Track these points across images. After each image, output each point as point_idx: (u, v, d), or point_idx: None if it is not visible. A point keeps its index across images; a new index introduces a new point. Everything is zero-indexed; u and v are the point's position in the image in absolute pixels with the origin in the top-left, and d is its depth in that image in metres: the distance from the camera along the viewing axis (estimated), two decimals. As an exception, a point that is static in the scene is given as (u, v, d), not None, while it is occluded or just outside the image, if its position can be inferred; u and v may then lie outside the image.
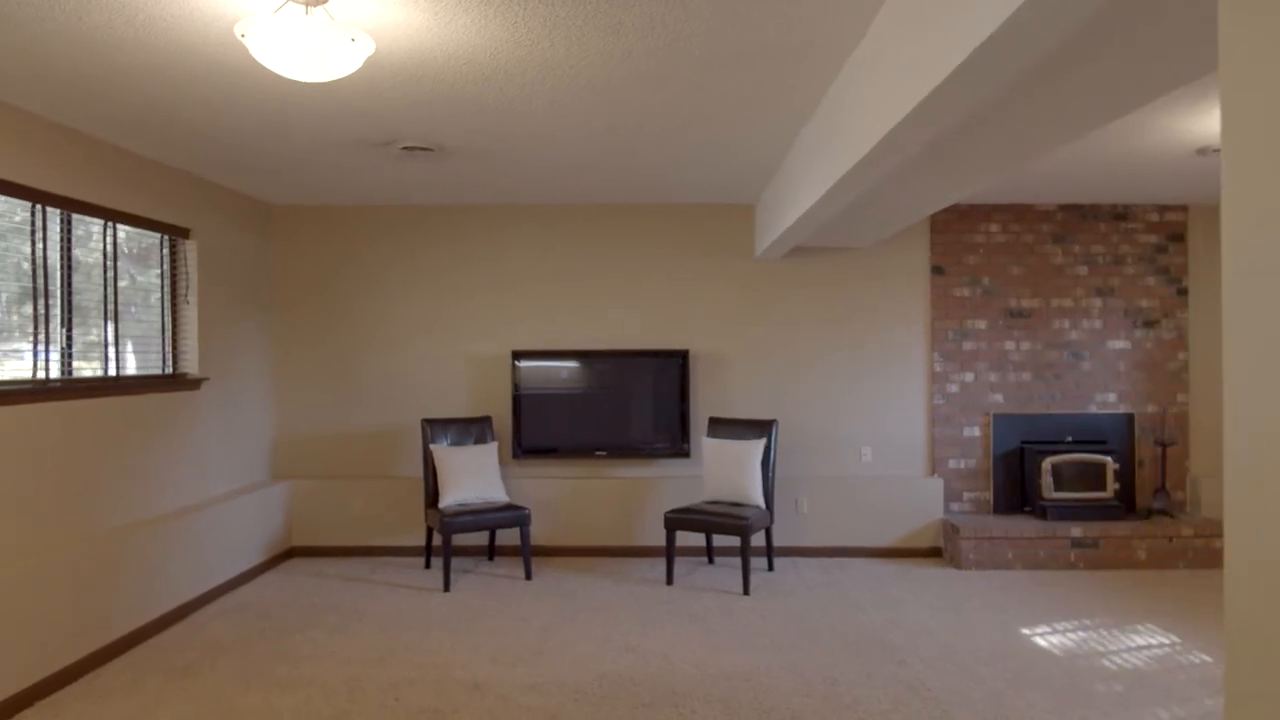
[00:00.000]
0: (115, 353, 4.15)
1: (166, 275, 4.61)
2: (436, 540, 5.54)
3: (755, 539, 5.55)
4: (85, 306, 3.96)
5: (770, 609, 4.56)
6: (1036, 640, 4.09)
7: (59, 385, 3.70)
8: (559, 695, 3.46)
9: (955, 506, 5.82)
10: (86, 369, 3.99)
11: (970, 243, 5.80)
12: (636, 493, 5.70)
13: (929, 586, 5.01)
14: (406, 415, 5.81)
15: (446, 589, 4.85)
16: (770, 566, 5.34)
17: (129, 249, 4.32)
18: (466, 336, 5.83)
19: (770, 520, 5.22)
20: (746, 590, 4.80)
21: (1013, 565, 5.38)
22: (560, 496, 5.70)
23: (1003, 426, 5.80)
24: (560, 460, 5.81)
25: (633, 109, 3.56)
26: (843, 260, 5.81)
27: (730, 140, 4.10)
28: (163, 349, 4.57)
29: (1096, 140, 4.14)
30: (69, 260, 3.84)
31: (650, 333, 5.82)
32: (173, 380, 4.51)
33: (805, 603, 4.68)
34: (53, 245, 3.74)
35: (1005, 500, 5.80)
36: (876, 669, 3.74)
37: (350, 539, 5.69)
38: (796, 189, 4.22)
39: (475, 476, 5.18)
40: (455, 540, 5.63)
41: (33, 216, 3.61)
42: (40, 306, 3.65)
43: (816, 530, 5.71)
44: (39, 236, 3.64)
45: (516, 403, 5.68)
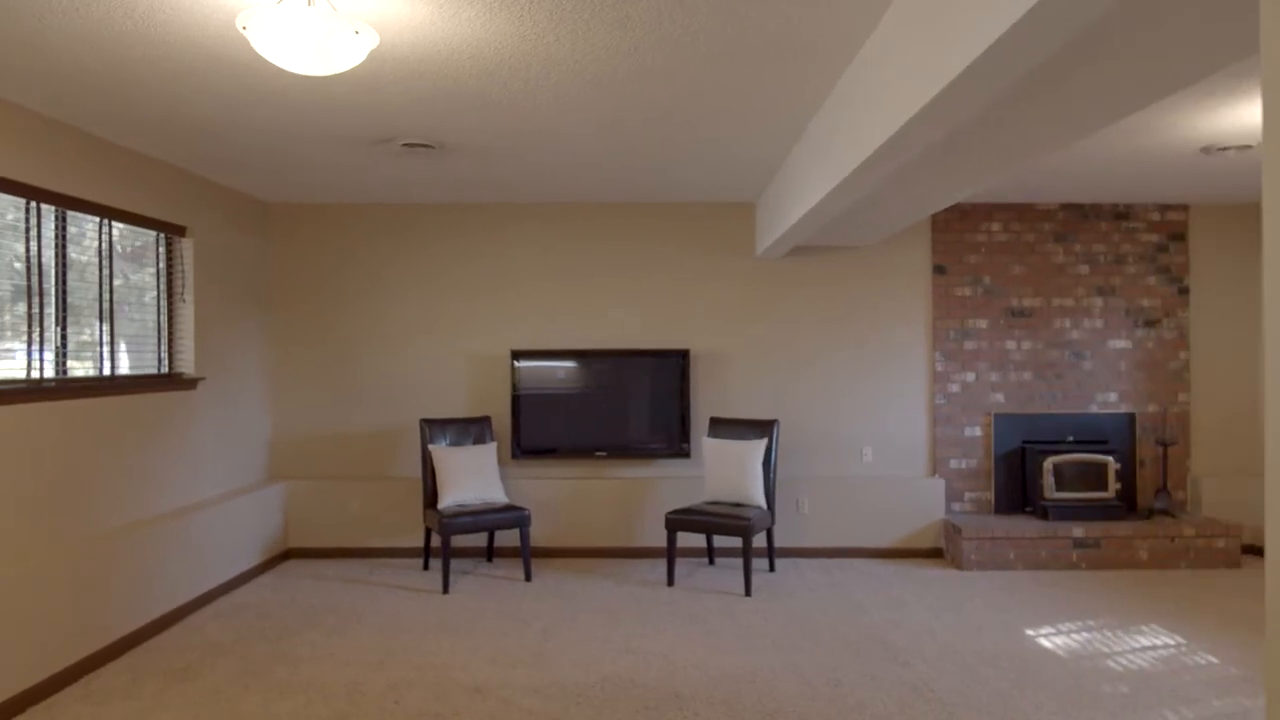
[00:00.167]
0: (110, 352, 4.10)
1: (162, 274, 4.56)
2: (435, 541, 5.50)
3: (756, 540, 5.53)
4: (80, 305, 3.91)
5: (772, 610, 4.53)
6: (1040, 641, 4.07)
7: (54, 385, 3.65)
8: (561, 698, 3.42)
9: (956, 506, 5.80)
10: (81, 369, 3.94)
11: (972, 242, 5.78)
12: (636, 493, 5.67)
13: (931, 587, 4.99)
14: (405, 415, 5.77)
15: (445, 590, 4.81)
16: (771, 567, 5.31)
17: (124, 247, 4.27)
18: (465, 336, 5.79)
19: (772, 521, 5.19)
20: (748, 591, 4.77)
21: (1014, 565, 5.36)
22: (560, 497, 5.67)
23: (1004, 426, 5.78)
24: (560, 461, 5.77)
25: (638, 105, 3.53)
26: (844, 259, 5.79)
27: (734, 137, 4.07)
28: (158, 348, 4.52)
29: (1101, 138, 4.12)
30: (64, 258, 3.79)
31: (650, 332, 5.79)
32: (169, 380, 4.46)
33: (807, 603, 4.65)
34: (47, 243, 3.69)
35: (1006, 500, 5.79)
36: (880, 670, 3.71)
37: (348, 540, 5.65)
38: (800, 187, 4.19)
39: (474, 477, 5.14)
40: (454, 542, 5.59)
41: (26, 214, 3.56)
42: (34, 305, 3.60)
43: (817, 531, 5.69)
44: (33, 235, 3.59)
45: (516, 402, 5.64)
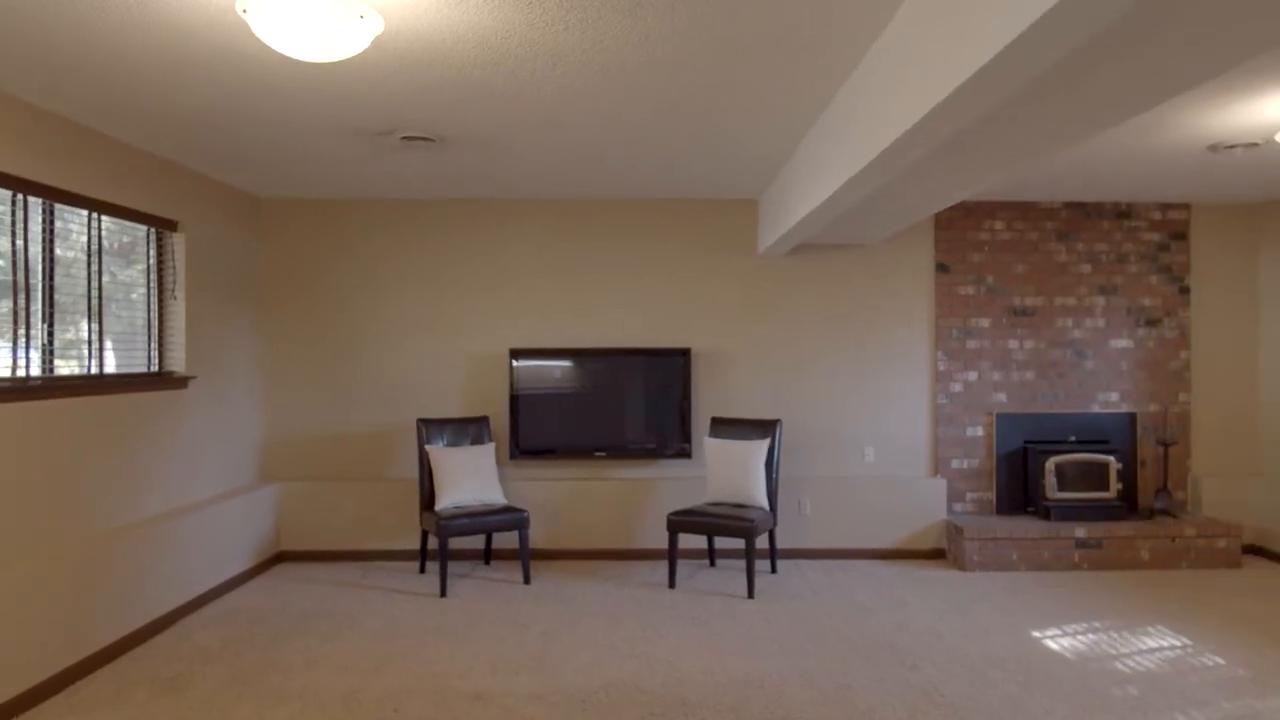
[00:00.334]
0: (98, 350, 3.98)
1: (153, 270, 4.44)
2: (432, 544, 5.40)
3: (758, 541, 5.46)
4: (67, 302, 3.79)
5: (775, 612, 4.47)
6: (1047, 643, 4.02)
7: (39, 384, 3.53)
8: (564, 705, 3.34)
9: (958, 507, 5.75)
10: (67, 368, 3.82)
11: (975, 240, 5.74)
12: (636, 494, 5.59)
13: (934, 588, 4.94)
14: (400, 415, 5.67)
15: (443, 594, 4.71)
16: (773, 569, 5.25)
17: (111, 244, 4.15)
18: (463, 334, 5.70)
19: (774, 522, 5.12)
20: (751, 594, 4.70)
21: (1017, 566, 5.32)
22: (559, 498, 5.58)
23: (1006, 426, 5.74)
24: (559, 461, 5.68)
25: (645, 96, 3.45)
26: (847, 257, 5.73)
27: (742, 130, 3.99)
28: (148, 346, 4.40)
29: (1110, 135, 4.08)
30: (51, 253, 3.67)
31: (651, 331, 5.72)
32: (159, 379, 4.34)
33: (810, 606, 4.58)
34: (34, 238, 3.57)
35: (1008, 500, 5.74)
36: (888, 674, 3.65)
37: (342, 543, 5.54)
38: (808, 182, 4.13)
39: (472, 478, 5.05)
40: (452, 544, 5.50)
41: (13, 206, 3.44)
42: (20, 302, 3.48)
43: (819, 532, 5.63)
44: (19, 229, 3.47)
45: (514, 402, 5.55)
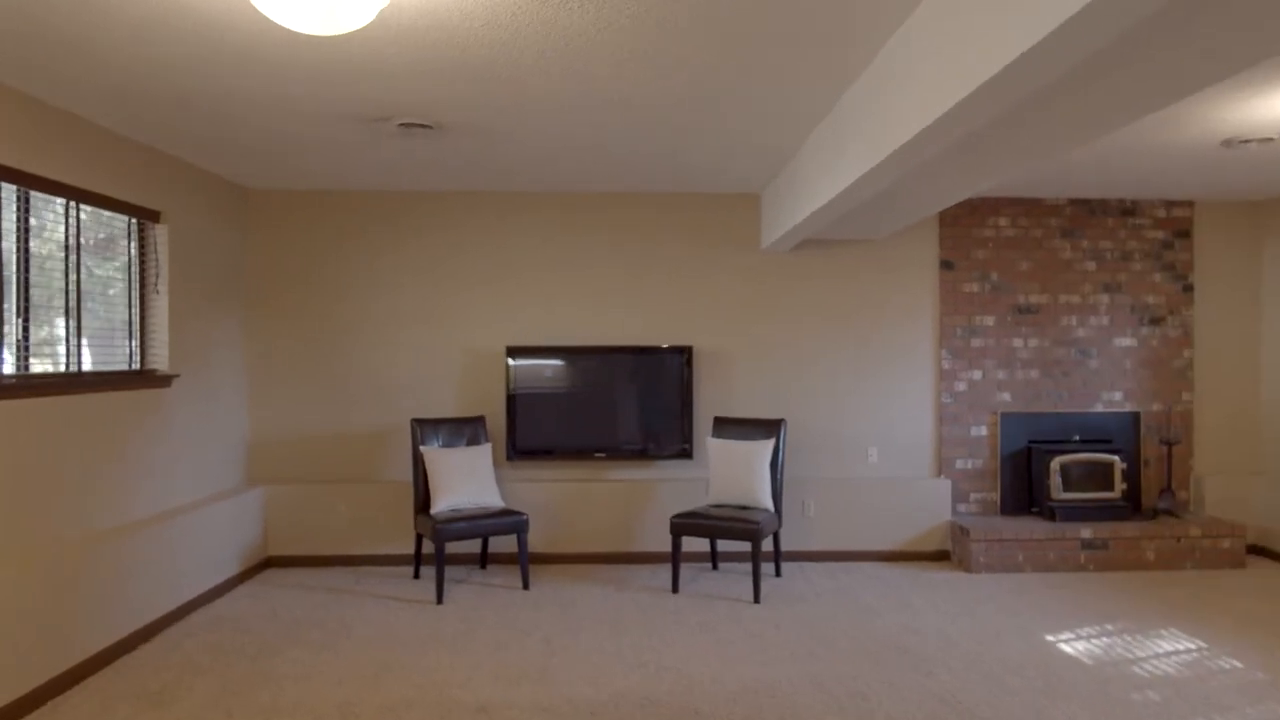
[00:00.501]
0: (77, 347, 3.79)
1: (134, 263, 4.25)
2: (427, 548, 5.23)
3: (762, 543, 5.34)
4: (43, 296, 3.60)
5: (783, 617, 4.35)
6: (1062, 647, 3.93)
7: (14, 382, 3.34)
8: (572, 717, 3.20)
9: (962, 508, 5.67)
10: (43, 365, 3.63)
11: (979, 237, 5.65)
12: (636, 496, 5.45)
13: (940, 591, 4.84)
14: (393, 415, 5.49)
15: (440, 601, 4.55)
16: (778, 572, 5.13)
17: (88, 239, 3.95)
18: (458, 332, 5.53)
19: (779, 524, 5.01)
20: (757, 598, 4.58)
21: (1023, 568, 5.23)
22: (556, 500, 5.43)
23: (1010, 426, 5.66)
24: (556, 462, 5.54)
25: (654, 83, 3.31)
26: (850, 254, 5.62)
27: (751, 122, 3.87)
28: (129, 344, 4.21)
29: (1125, 130, 3.99)
30: (26, 245, 3.48)
31: (651, 328, 5.58)
32: (141, 377, 4.15)
33: (817, 609, 4.47)
34: (8, 231, 3.38)
35: (1012, 501, 5.66)
36: (902, 680, 3.54)
37: (332, 547, 5.36)
38: (819, 176, 4.01)
39: (469, 480, 4.89)
40: (447, 548, 5.33)
41: (-14, 194, 3.25)
42: (-6, 294, 3.29)
43: (823, 534, 5.52)
44: (-7, 217, 3.28)
45: (511, 402, 5.39)
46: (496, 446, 5.46)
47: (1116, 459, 5.46)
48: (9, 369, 3.37)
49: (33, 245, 3.53)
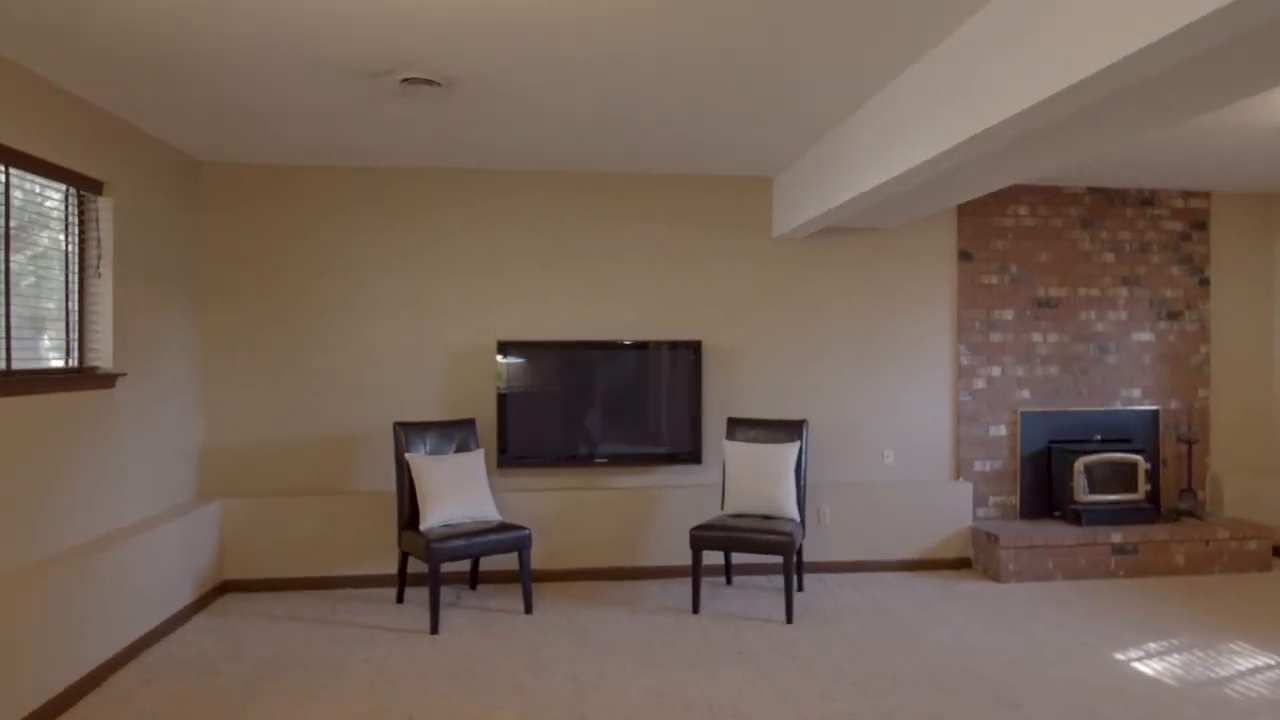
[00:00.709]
0: (4, 340, 3.13)
1: (74, 242, 3.58)
2: (414, 567, 4.65)
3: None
4: (-38, 277, 2.94)
5: (824, 639, 3.94)
6: (1137, 667, 3.62)
7: (-75, 382, 2.68)
8: (623, 772, 2.72)
9: (980, 512, 5.37)
10: (-37, 361, 2.96)
11: (999, 226, 5.37)
12: (640, 505, 4.98)
13: (977, 603, 4.51)
14: (368, 418, 4.90)
15: (435, 630, 4.00)
16: (800, 586, 4.73)
17: (18, 220, 3.28)
18: (442, 325, 4.97)
19: (804, 534, 4.61)
20: (790, 618, 4.16)
21: (1053, 575, 4.95)
22: (553, 512, 4.92)
23: (1030, 425, 5.39)
24: (552, 469, 5.02)
25: (696, 37, 2.86)
26: (864, 243, 5.26)
27: (802, 85, 3.45)
28: (66, 337, 3.55)
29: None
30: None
31: (654, 321, 5.12)
32: (79, 376, 3.50)
33: (856, 629, 4.08)
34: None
35: (1032, 504, 5.39)
36: (991, 714, 3.16)
37: (299, 568, 4.73)
38: (866, 158, 3.60)
39: (462, 491, 4.35)
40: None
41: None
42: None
43: (840, 543, 5.14)
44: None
45: (502, 403, 4.86)
46: (487, 453, 4.92)
47: (1140, 459, 5.24)
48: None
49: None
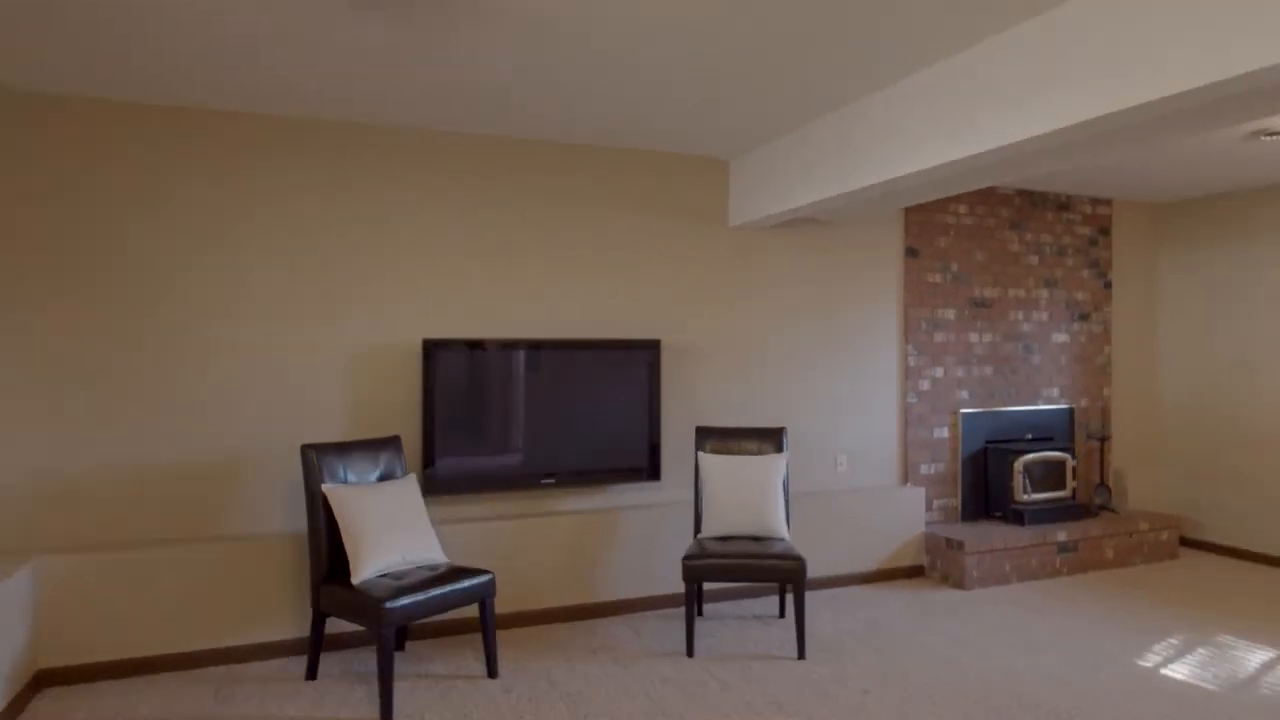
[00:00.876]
0: None
1: None
2: (332, 627, 3.55)
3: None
4: None
5: (849, 675, 3.46)
6: (1168, 674, 3.49)
7: None
8: None
9: (926, 516, 5.20)
10: None
11: (942, 223, 5.25)
12: (595, 531, 4.24)
13: (961, 615, 4.27)
14: (246, 438, 3.75)
15: (387, 717, 3.03)
16: (781, 613, 4.24)
17: None
18: (349, 322, 3.94)
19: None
20: (802, 653, 3.64)
21: (1009, 579, 4.87)
22: (492, 545, 4.05)
23: (969, 425, 5.32)
24: (489, 495, 4.15)
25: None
26: (814, 237, 4.91)
27: (818, 60, 2.95)
28: None
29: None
30: None
31: (611, 319, 4.42)
32: None
33: (878, 661, 3.64)
34: None
35: (972, 505, 5.32)
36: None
37: (154, 644, 3.49)
38: (884, 146, 3.16)
39: (400, 529, 3.39)
40: (334, 626, 3.72)
41: None
42: None
43: (805, 557, 4.71)
44: None
45: (429, 414, 3.93)
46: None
47: (1069, 457, 5.33)
48: None
49: None
